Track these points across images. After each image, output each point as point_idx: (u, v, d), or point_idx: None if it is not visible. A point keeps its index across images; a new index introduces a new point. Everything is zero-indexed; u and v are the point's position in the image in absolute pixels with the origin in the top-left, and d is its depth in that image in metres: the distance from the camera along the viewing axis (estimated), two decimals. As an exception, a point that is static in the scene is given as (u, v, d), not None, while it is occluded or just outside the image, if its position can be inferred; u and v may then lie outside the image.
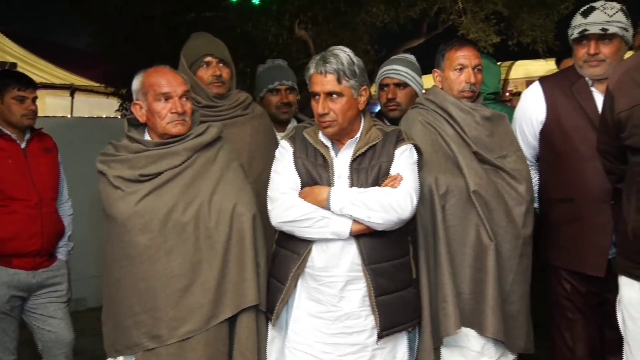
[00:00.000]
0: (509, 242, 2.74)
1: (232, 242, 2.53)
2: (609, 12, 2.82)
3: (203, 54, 3.18)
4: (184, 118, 2.57)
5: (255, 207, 2.60)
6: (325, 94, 2.48)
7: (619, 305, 2.54)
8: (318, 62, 2.49)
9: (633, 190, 2.42)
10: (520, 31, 11.38)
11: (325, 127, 2.52)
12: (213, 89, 3.14)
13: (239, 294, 2.52)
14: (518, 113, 3.15)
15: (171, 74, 2.60)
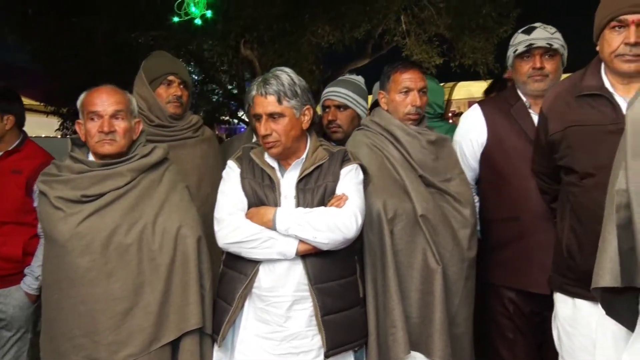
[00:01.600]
0: (456, 265, 2.80)
1: (175, 265, 2.51)
2: (550, 31, 2.96)
3: (167, 72, 3.18)
4: (112, 137, 2.54)
5: (201, 229, 2.59)
6: (267, 115, 2.50)
7: (555, 321, 2.62)
8: (259, 84, 2.52)
9: (567, 209, 2.51)
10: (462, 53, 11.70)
11: (269, 148, 2.54)
12: (171, 108, 3.13)
13: (182, 317, 2.49)
14: (458, 136, 3.19)
15: (107, 93, 2.57)
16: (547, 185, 2.74)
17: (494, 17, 11.39)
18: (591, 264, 2.27)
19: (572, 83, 2.54)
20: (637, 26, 2.28)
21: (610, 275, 2.04)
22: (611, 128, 2.33)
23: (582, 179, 2.42)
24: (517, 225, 2.92)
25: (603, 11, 2.38)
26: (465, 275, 2.83)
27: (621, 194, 2.02)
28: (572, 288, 2.49)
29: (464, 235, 2.84)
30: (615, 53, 2.33)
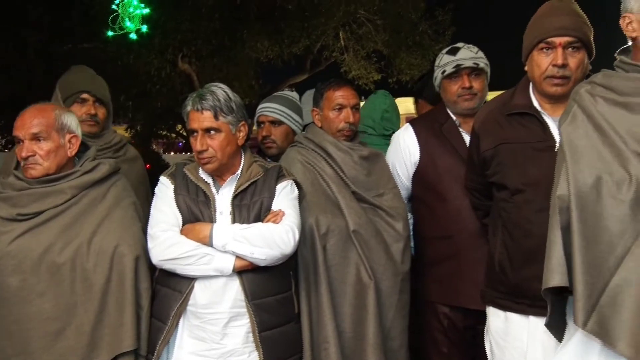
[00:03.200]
0: (389, 279, 2.82)
1: (111, 285, 2.45)
2: (473, 50, 3.05)
3: (80, 89, 3.08)
4: (32, 161, 2.47)
5: (141, 248, 2.54)
6: (203, 130, 2.49)
7: (487, 334, 2.66)
8: (195, 99, 2.50)
9: (498, 224, 2.57)
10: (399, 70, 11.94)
11: (205, 164, 2.52)
12: (85, 127, 3.01)
13: (116, 338, 2.43)
14: (391, 155, 3.22)
15: (29, 115, 2.50)
16: (479, 202, 2.79)
17: (430, 35, 11.72)
18: (522, 277, 2.37)
19: (502, 102, 2.61)
20: (564, 48, 2.36)
21: (560, 275, 2.09)
22: (540, 146, 2.40)
23: (512, 195, 2.48)
24: (450, 243, 2.97)
25: (532, 33, 2.45)
26: (399, 289, 2.86)
27: (562, 199, 2.11)
28: (503, 301, 2.54)
29: (397, 249, 2.87)
30: (544, 75, 2.40)
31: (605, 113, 2.13)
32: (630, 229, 2.02)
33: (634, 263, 2.00)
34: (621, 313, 1.98)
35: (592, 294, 2.04)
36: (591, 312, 2.04)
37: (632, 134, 2.06)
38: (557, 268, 2.09)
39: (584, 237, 2.06)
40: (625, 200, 2.02)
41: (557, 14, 2.40)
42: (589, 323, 2.03)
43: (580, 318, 2.04)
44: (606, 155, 2.08)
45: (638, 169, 2.02)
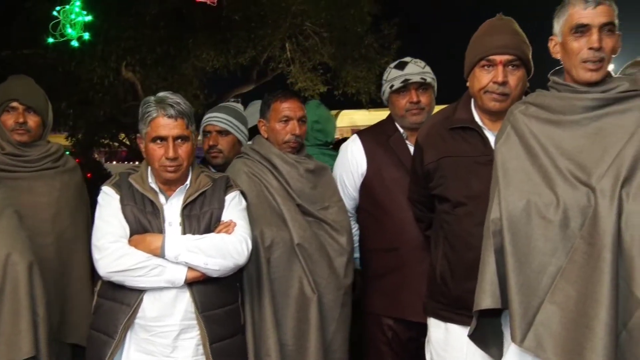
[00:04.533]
0: (331, 292, 2.84)
1: (5, 293, 2.40)
2: (420, 65, 3.11)
3: (9, 98, 3.00)
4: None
5: (32, 255, 2.49)
6: (174, 137, 2.47)
7: (428, 345, 2.71)
8: (164, 106, 2.47)
9: (440, 237, 2.61)
10: (345, 82, 12.05)
11: (170, 172, 2.50)
12: (15, 135, 2.95)
13: (13, 346, 2.38)
14: (338, 166, 3.25)
15: None
16: (422, 214, 2.83)
17: (375, 48, 11.87)
18: (462, 289, 2.42)
19: (445, 116, 2.66)
20: (504, 66, 2.43)
21: (491, 298, 2.19)
22: (481, 160, 2.46)
23: (454, 207, 2.53)
24: (396, 255, 3.00)
25: (474, 50, 2.51)
26: (341, 302, 2.88)
27: (495, 222, 2.21)
28: (444, 313, 2.59)
29: (340, 263, 2.90)
30: (484, 90, 2.46)
31: (537, 132, 2.25)
32: (560, 248, 2.14)
33: (564, 282, 2.11)
34: (553, 329, 2.09)
35: (527, 313, 2.14)
36: (527, 330, 2.13)
37: (562, 151, 2.19)
38: (489, 290, 2.19)
39: (516, 259, 2.17)
40: (554, 220, 2.14)
41: (498, 33, 2.48)
42: (526, 341, 2.13)
43: (517, 336, 2.14)
44: (535, 178, 2.20)
45: (564, 191, 2.14)
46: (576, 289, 2.10)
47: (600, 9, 2.18)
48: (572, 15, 2.21)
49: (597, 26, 2.17)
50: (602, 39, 2.18)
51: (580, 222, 2.13)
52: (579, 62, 2.20)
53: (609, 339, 2.02)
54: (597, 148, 2.17)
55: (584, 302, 2.08)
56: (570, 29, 2.22)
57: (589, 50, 2.18)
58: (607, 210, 2.07)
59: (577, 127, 2.22)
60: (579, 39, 2.20)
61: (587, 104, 2.22)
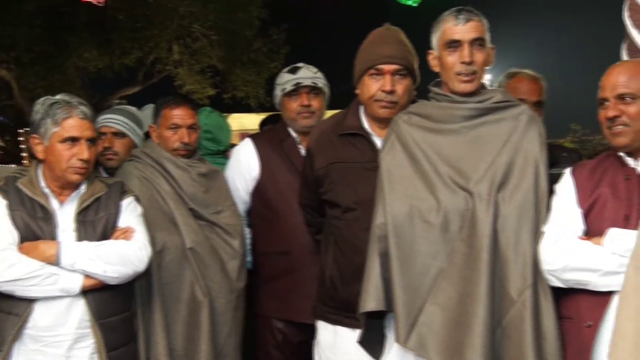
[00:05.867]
0: (224, 296, 2.85)
1: None
2: (312, 70, 3.16)
3: None
4: None
5: None
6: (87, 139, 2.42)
7: (317, 348, 2.76)
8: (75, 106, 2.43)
9: (330, 241, 2.67)
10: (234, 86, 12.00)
11: (80, 174, 2.43)
12: None
13: None
14: (231, 170, 3.24)
15: None
16: (312, 218, 2.87)
17: (264, 53, 11.91)
18: (351, 293, 2.46)
19: (335, 122, 2.72)
20: (392, 75, 2.52)
21: (375, 301, 2.27)
22: (369, 166, 2.52)
23: (344, 212, 2.58)
24: (288, 259, 3.02)
25: (362, 59, 2.59)
26: (233, 306, 2.89)
27: (380, 227, 2.31)
28: (333, 316, 2.64)
29: (233, 267, 2.90)
30: (373, 98, 2.54)
31: (420, 140, 2.37)
32: (441, 250, 2.27)
33: (445, 283, 2.23)
34: (435, 330, 2.20)
35: (411, 314, 2.25)
36: (410, 331, 2.23)
37: (443, 158, 2.32)
38: (374, 293, 2.28)
39: (400, 262, 2.27)
40: (436, 224, 2.27)
41: (386, 43, 2.57)
42: (409, 341, 2.23)
43: (401, 336, 2.24)
44: (417, 184, 2.32)
45: (445, 195, 2.28)
46: (456, 289, 2.22)
47: (470, 25, 2.34)
48: (445, 32, 2.37)
49: (467, 41, 2.33)
50: (473, 53, 2.33)
51: (459, 225, 2.26)
52: (453, 75, 2.36)
53: (486, 336, 2.15)
54: (474, 155, 2.32)
55: (463, 302, 2.20)
56: (444, 44, 2.37)
57: (461, 64, 2.33)
58: (484, 213, 2.22)
59: (456, 135, 2.37)
60: (452, 53, 2.35)
61: (465, 114, 2.37)
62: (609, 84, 2.19)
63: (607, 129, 2.20)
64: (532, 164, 2.29)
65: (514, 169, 2.28)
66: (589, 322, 2.11)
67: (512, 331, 2.19)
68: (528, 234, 2.23)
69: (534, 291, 2.18)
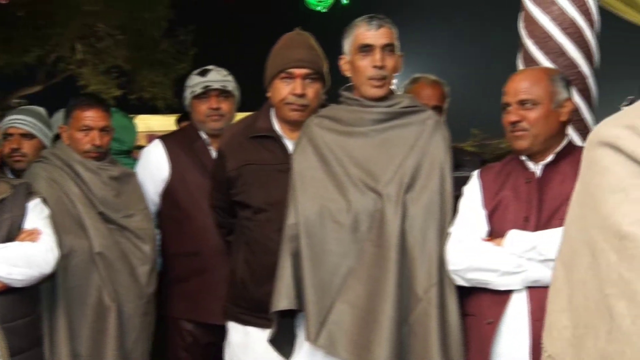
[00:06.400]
0: (133, 301, 2.76)
1: None
2: (223, 73, 3.13)
3: None
4: None
5: None
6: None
7: (227, 349, 2.73)
8: None
9: (241, 242, 2.65)
10: (141, 87, 11.70)
11: None
12: None
13: None
14: (140, 171, 3.16)
15: None
16: (223, 220, 2.84)
17: (172, 54, 11.68)
18: (262, 293, 2.46)
19: (247, 124, 2.71)
20: (303, 79, 2.53)
21: (287, 299, 2.28)
22: (281, 168, 2.52)
23: (255, 214, 2.57)
24: (198, 260, 2.98)
25: (274, 63, 2.59)
26: (143, 311, 2.81)
27: (291, 227, 2.32)
28: (244, 316, 2.62)
29: (143, 272, 2.82)
30: (284, 101, 2.54)
31: (331, 143, 2.40)
32: (351, 250, 2.29)
33: (354, 281, 2.25)
34: (344, 327, 2.22)
35: (321, 312, 2.27)
36: (321, 329, 2.26)
37: (353, 160, 2.36)
38: (285, 292, 2.29)
39: (311, 262, 2.29)
40: (346, 224, 2.31)
41: (296, 47, 2.58)
42: (319, 339, 2.25)
43: (311, 334, 2.25)
44: (328, 185, 2.35)
45: (355, 196, 2.31)
46: (365, 288, 2.25)
47: (382, 31, 2.38)
48: (358, 36, 2.40)
49: (379, 46, 2.37)
50: (384, 59, 2.37)
51: (368, 225, 2.29)
52: (365, 79, 2.39)
53: (393, 332, 2.19)
54: (383, 157, 2.36)
55: (372, 300, 2.23)
56: (356, 49, 2.40)
57: (372, 68, 2.37)
58: (393, 214, 2.26)
59: (366, 138, 2.40)
60: (365, 57, 2.38)
61: (374, 117, 2.41)
62: (511, 90, 2.27)
63: (509, 133, 2.28)
64: (438, 167, 2.34)
65: (421, 171, 2.33)
66: (490, 319, 2.17)
67: (418, 327, 2.24)
68: (434, 234, 2.28)
69: (440, 289, 2.24)
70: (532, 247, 2.10)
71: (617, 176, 1.17)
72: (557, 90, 2.25)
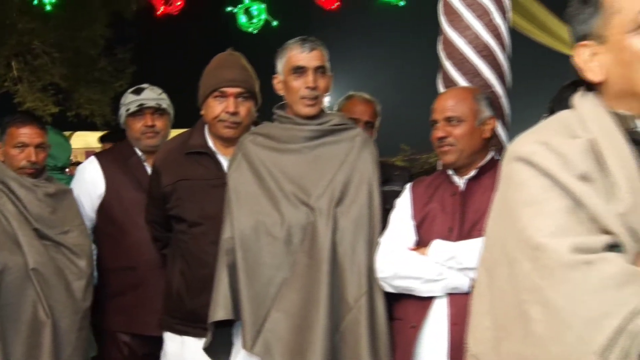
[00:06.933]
0: (68, 317, 2.71)
1: None
2: (157, 92, 3.13)
3: None
4: None
5: None
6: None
7: (164, 358, 2.72)
8: None
9: (177, 255, 2.64)
10: (78, 104, 11.43)
11: None
12: None
13: None
14: (76, 187, 3.12)
15: None
16: (159, 234, 2.82)
17: (110, 72, 11.47)
18: (197, 304, 2.47)
19: (182, 141, 2.71)
20: (235, 97, 2.55)
21: (224, 310, 2.29)
22: (215, 182, 2.54)
23: (190, 227, 2.57)
24: (133, 274, 2.96)
25: (207, 82, 2.61)
26: (78, 326, 2.76)
27: (227, 241, 2.33)
28: (180, 327, 2.61)
29: (78, 287, 2.77)
30: (217, 119, 2.56)
31: (265, 159, 2.42)
32: (285, 262, 2.32)
33: (289, 291, 2.28)
34: (279, 335, 2.25)
35: (257, 321, 2.28)
36: (257, 337, 2.27)
37: (286, 175, 2.38)
38: (222, 303, 2.30)
39: (247, 274, 2.31)
40: (280, 237, 2.33)
41: (229, 67, 2.61)
42: (256, 346, 2.26)
43: (248, 342, 2.26)
44: (263, 200, 2.37)
45: (288, 211, 2.34)
46: (299, 297, 2.28)
47: (314, 54, 2.42)
48: (291, 58, 2.43)
49: (312, 68, 2.40)
50: (317, 79, 2.41)
51: (301, 238, 2.32)
52: (298, 99, 2.42)
53: (326, 339, 2.21)
54: (315, 173, 2.39)
55: (305, 309, 2.26)
56: (289, 70, 2.43)
57: (305, 88, 2.40)
58: (324, 227, 2.29)
59: (299, 154, 2.43)
60: (298, 78, 2.41)
61: (306, 135, 2.45)
62: (439, 107, 2.35)
63: (437, 148, 2.35)
64: (366, 181, 2.39)
65: (350, 186, 2.37)
66: (413, 323, 2.23)
67: (349, 334, 2.27)
68: (363, 246, 2.33)
69: (369, 297, 2.28)
70: (451, 257, 2.17)
71: (531, 190, 1.22)
72: (481, 108, 2.33)
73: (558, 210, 1.17)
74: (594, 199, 1.16)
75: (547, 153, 1.23)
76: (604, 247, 1.13)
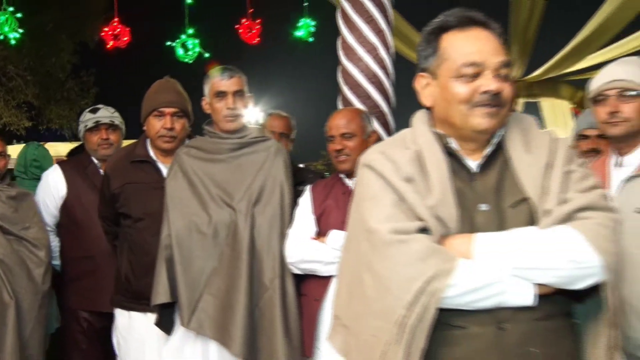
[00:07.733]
0: (29, 297, 2.63)
1: None
2: (110, 110, 3.13)
3: None
4: None
5: None
6: None
7: (115, 331, 2.71)
8: None
9: (125, 245, 2.63)
10: (49, 119, 11.05)
11: None
12: None
13: None
14: (40, 190, 3.07)
15: None
16: (109, 228, 2.79)
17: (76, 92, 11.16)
18: (142, 285, 2.47)
19: (128, 151, 2.70)
20: (172, 116, 2.56)
21: (164, 295, 2.31)
22: (155, 185, 2.54)
23: (135, 222, 2.57)
24: (91, 262, 2.94)
25: (148, 103, 2.61)
26: (39, 305, 2.68)
27: (165, 238, 2.36)
28: (127, 304, 2.61)
29: (38, 273, 2.70)
30: (157, 134, 2.57)
31: (197, 168, 2.43)
32: (213, 254, 2.34)
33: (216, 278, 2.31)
34: (209, 313, 2.28)
35: (191, 303, 2.31)
36: (191, 315, 2.30)
37: (214, 182, 2.40)
38: (162, 290, 2.32)
39: (182, 265, 2.33)
40: (208, 234, 2.34)
41: (166, 91, 2.62)
42: (191, 323, 2.29)
43: (184, 320, 2.30)
44: (194, 204, 2.39)
45: (215, 211, 2.36)
46: (224, 282, 2.31)
47: (233, 80, 2.44)
48: (214, 84, 2.45)
49: (231, 92, 2.43)
50: (236, 101, 2.43)
51: (226, 234, 2.34)
52: (221, 117, 2.44)
53: (246, 315, 2.26)
54: (237, 179, 2.41)
55: (230, 291, 2.29)
56: (213, 94, 2.44)
57: (227, 109, 2.42)
58: (244, 224, 2.32)
59: (224, 163, 2.45)
60: (220, 101, 2.43)
61: (229, 147, 2.47)
62: (334, 125, 2.39)
63: (335, 158, 2.40)
64: (279, 185, 2.41)
65: (265, 189, 2.40)
66: (317, 297, 2.29)
67: (266, 309, 2.31)
68: (276, 238, 2.35)
69: (281, 279, 2.32)
70: None
71: (371, 189, 1.33)
72: (366, 125, 2.41)
73: (387, 203, 1.28)
74: (412, 195, 1.28)
75: (384, 160, 1.34)
76: (416, 230, 1.24)
